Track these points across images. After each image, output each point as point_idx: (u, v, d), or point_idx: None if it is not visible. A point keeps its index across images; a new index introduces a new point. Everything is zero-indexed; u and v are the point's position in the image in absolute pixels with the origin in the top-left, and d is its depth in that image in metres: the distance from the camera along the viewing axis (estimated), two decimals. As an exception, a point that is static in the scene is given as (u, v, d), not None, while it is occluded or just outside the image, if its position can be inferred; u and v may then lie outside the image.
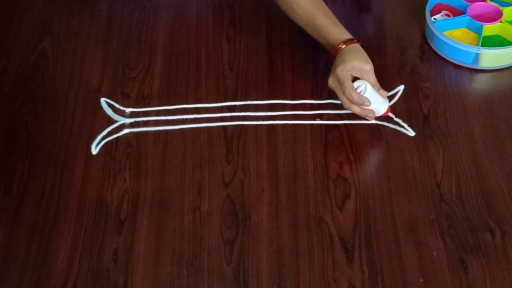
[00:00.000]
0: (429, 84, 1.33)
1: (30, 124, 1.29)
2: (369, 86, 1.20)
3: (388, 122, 1.26)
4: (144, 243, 1.10)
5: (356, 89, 1.20)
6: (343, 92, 1.20)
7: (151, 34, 1.47)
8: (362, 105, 1.20)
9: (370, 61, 1.22)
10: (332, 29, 1.28)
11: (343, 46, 1.24)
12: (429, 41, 1.41)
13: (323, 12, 1.30)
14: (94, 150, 1.24)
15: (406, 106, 1.29)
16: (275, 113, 1.28)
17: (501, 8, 1.40)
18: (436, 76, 1.35)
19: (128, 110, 1.31)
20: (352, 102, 1.20)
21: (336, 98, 1.30)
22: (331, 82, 1.23)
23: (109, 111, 1.30)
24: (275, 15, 1.49)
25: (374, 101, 1.20)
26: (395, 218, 1.11)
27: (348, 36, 1.26)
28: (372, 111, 1.22)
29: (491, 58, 1.34)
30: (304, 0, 1.31)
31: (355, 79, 1.22)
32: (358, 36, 1.44)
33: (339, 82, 1.21)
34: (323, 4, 1.32)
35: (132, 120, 1.29)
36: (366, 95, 1.19)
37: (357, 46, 1.25)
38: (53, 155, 1.23)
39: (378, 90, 1.23)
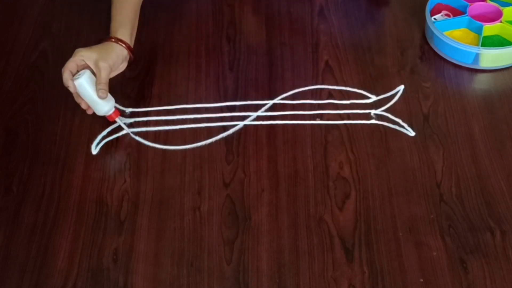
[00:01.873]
0: (429, 84, 1.33)
1: (30, 124, 1.29)
2: (84, 77, 1.21)
3: (388, 122, 1.26)
4: (144, 243, 1.10)
5: (75, 74, 1.22)
6: None
7: (151, 34, 1.47)
8: (67, 87, 1.22)
9: (110, 63, 1.23)
10: (114, 21, 1.29)
11: (110, 40, 1.26)
12: (429, 41, 1.41)
13: (122, 2, 1.31)
14: (94, 150, 1.24)
15: (406, 106, 1.29)
16: (275, 113, 1.28)
17: (501, 8, 1.40)
18: (436, 76, 1.35)
19: (128, 110, 1.31)
20: (63, 80, 1.22)
21: (336, 98, 1.31)
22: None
23: (109, 111, 1.30)
24: (275, 15, 1.49)
25: (84, 94, 1.22)
26: (395, 218, 1.11)
27: (123, 36, 1.27)
28: (86, 104, 1.24)
29: (491, 58, 1.34)
30: None
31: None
32: (358, 35, 1.45)
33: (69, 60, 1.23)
34: None
35: (132, 120, 1.29)
36: (75, 82, 1.21)
37: (118, 47, 1.26)
38: (53, 155, 1.23)
39: (98, 90, 1.21)
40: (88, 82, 1.22)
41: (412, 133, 1.24)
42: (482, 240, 1.08)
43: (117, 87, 1.35)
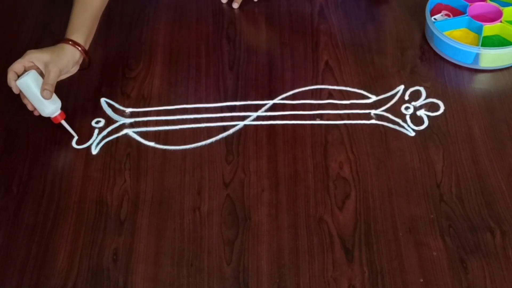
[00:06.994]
0: (429, 84, 1.33)
1: (30, 124, 1.29)
2: (28, 77, 1.19)
3: (388, 122, 1.26)
4: (144, 243, 1.10)
5: (21, 75, 1.20)
6: None
7: (151, 34, 1.47)
8: (10, 87, 1.21)
9: (60, 66, 1.22)
10: (71, 24, 1.28)
11: (66, 42, 1.25)
12: (429, 41, 1.41)
13: (83, 6, 1.30)
14: (94, 150, 1.24)
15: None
16: (275, 113, 1.29)
17: (501, 8, 1.40)
18: (436, 76, 1.35)
19: (128, 110, 1.31)
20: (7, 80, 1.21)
21: (336, 98, 1.31)
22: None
23: (109, 111, 1.30)
24: (275, 15, 1.49)
25: (28, 94, 1.20)
26: (395, 218, 1.11)
27: (78, 39, 1.26)
28: (30, 104, 1.22)
29: (491, 58, 1.34)
30: None
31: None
32: (358, 35, 1.45)
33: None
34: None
35: (132, 120, 1.29)
36: (18, 82, 1.20)
37: (71, 50, 1.25)
38: (53, 155, 1.23)
39: (42, 90, 1.20)
40: (33, 82, 1.20)
41: (412, 133, 1.24)
42: (482, 240, 1.08)
43: (117, 87, 1.35)
